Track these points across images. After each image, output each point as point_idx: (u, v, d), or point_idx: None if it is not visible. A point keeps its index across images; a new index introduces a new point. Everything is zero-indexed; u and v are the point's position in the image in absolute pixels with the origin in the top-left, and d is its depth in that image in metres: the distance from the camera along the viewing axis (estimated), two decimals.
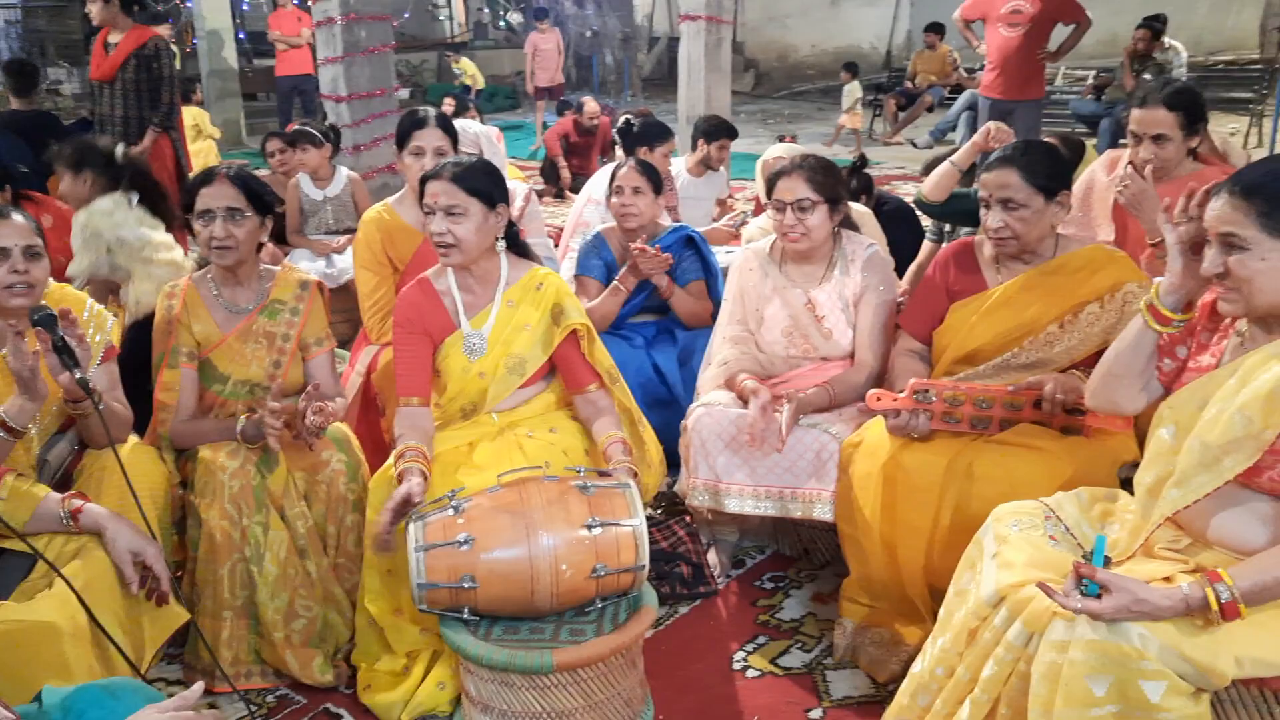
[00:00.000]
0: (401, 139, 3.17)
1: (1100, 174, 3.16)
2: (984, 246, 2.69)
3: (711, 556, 2.97)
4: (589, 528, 2.18)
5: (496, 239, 2.54)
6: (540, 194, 8.57)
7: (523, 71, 16.09)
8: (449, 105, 8.99)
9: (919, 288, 2.79)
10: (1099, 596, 1.69)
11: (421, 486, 2.26)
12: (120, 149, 3.44)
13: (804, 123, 13.03)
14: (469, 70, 13.79)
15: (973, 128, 9.33)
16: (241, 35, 13.12)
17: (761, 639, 2.66)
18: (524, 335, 2.55)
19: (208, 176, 2.61)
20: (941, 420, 2.45)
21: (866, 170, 4.46)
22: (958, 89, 11.22)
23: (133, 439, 2.46)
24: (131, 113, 5.77)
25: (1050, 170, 2.54)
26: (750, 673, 2.52)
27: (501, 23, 18.19)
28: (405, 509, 2.23)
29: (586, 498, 2.22)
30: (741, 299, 2.97)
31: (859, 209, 3.76)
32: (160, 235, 3.12)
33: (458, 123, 3.70)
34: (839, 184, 2.88)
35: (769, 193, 2.91)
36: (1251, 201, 1.76)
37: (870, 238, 3.02)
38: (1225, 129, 10.67)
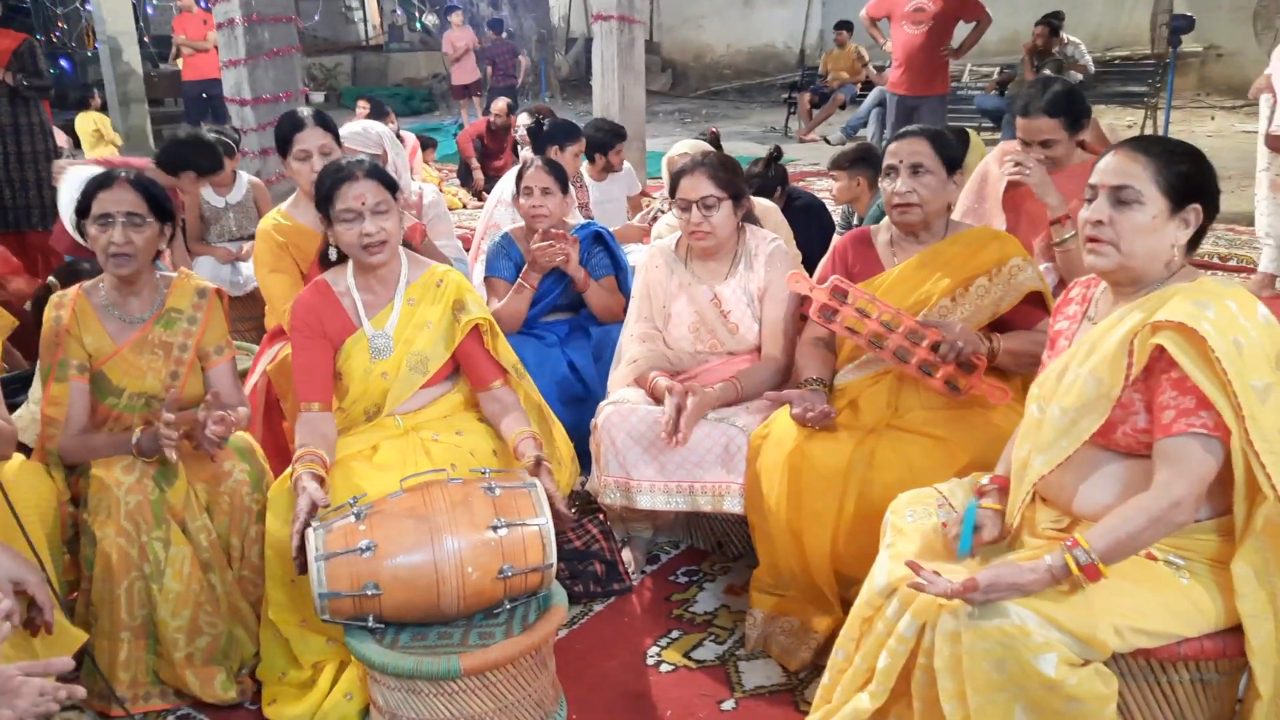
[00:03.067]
0: (283, 144, 3.11)
1: (993, 166, 3.26)
2: (879, 233, 2.76)
3: (626, 553, 2.97)
4: (494, 529, 2.16)
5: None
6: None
7: (439, 74, 15.99)
8: (363, 108, 8.85)
9: (820, 276, 2.83)
10: (971, 553, 1.83)
11: (319, 491, 2.22)
12: None
13: (720, 121, 13.11)
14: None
15: (882, 123, 9.54)
16: (147, 39, 12.73)
17: (675, 633, 2.67)
18: (426, 333, 2.52)
19: (106, 180, 2.49)
20: (845, 328, 2.53)
21: (781, 164, 4.51)
22: (868, 86, 11.42)
23: (19, 456, 2.37)
24: (30, 120, 5.58)
25: (953, 147, 2.65)
26: (664, 667, 2.53)
27: (417, 25, 17.97)
28: (311, 520, 2.19)
29: (491, 499, 2.21)
30: (648, 296, 2.98)
31: (765, 204, 3.80)
32: None
33: (360, 123, 3.66)
34: (741, 179, 2.92)
35: (672, 192, 2.93)
36: (1149, 157, 1.81)
37: (773, 233, 3.04)
38: (1122, 122, 11.06)
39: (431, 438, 2.51)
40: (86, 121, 8.45)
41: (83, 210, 2.50)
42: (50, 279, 3.17)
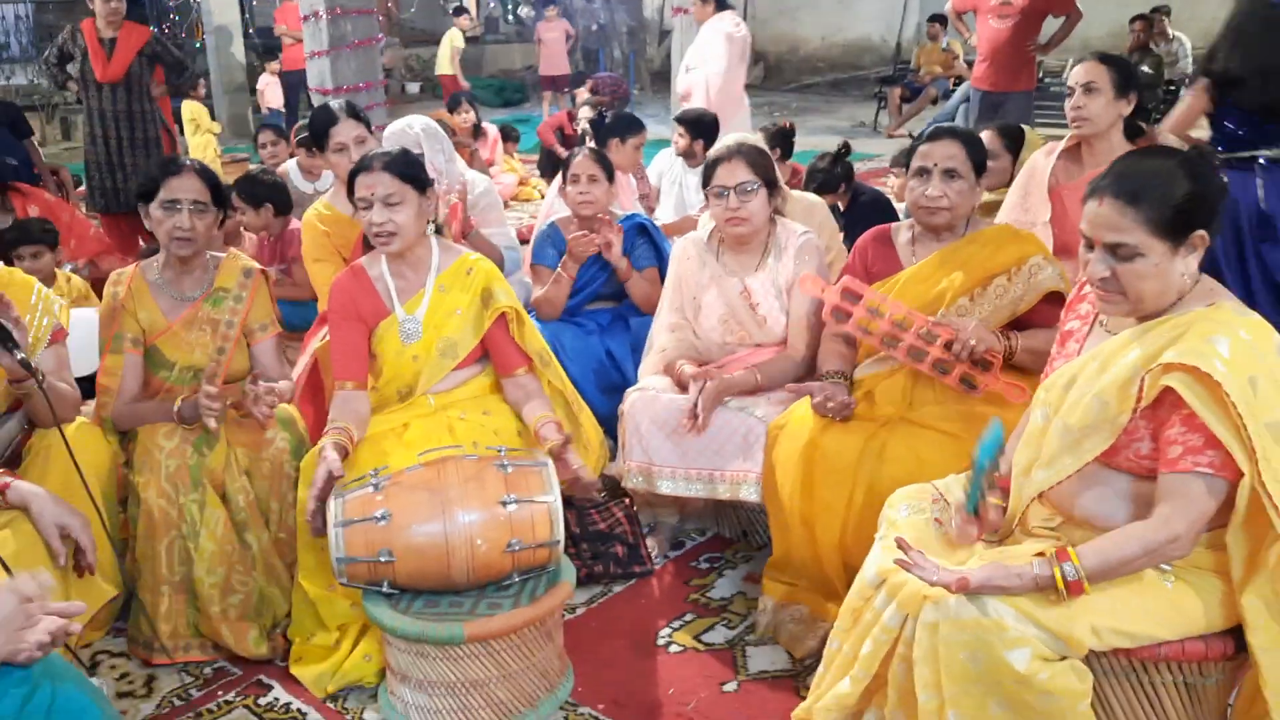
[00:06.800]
0: (319, 140, 3.26)
1: (1040, 158, 3.23)
2: (900, 232, 2.76)
3: (650, 539, 3.04)
4: (504, 504, 2.25)
5: (429, 221, 2.63)
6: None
7: (533, 66, 16.21)
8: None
9: (841, 275, 2.84)
10: (976, 513, 1.89)
11: (337, 462, 2.33)
12: None
13: (810, 115, 13.00)
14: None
15: (968, 120, 9.33)
16: (251, 30, 13.25)
17: (689, 616, 2.73)
18: (455, 319, 2.63)
19: (175, 167, 2.67)
20: (858, 328, 2.56)
21: (849, 159, 4.50)
22: (960, 81, 11.17)
23: (80, 419, 2.55)
24: (143, 108, 5.86)
25: (982, 152, 2.66)
26: (672, 648, 2.59)
27: (510, 16, 18.23)
28: (329, 487, 2.31)
29: (504, 475, 2.30)
30: (680, 287, 3.04)
31: (811, 199, 3.81)
32: None
33: (401, 122, 3.79)
34: (774, 169, 2.95)
35: (706, 181, 2.96)
36: (1139, 208, 1.75)
37: (804, 226, 3.05)
38: None
39: (459, 416, 2.61)
40: (185, 110, 8.88)
41: (148, 194, 2.67)
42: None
